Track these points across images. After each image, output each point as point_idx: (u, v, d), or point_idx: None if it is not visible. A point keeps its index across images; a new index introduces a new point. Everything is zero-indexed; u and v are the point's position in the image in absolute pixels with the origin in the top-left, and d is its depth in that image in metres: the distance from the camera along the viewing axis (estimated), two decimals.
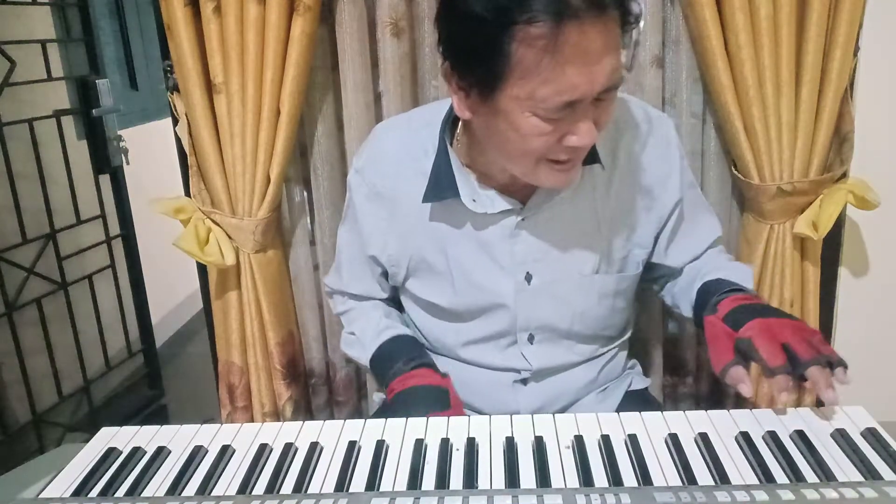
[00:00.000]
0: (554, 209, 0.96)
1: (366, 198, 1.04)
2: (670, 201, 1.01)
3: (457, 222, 0.99)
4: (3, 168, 1.84)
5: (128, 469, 0.79)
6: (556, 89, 0.76)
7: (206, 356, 1.55)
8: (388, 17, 1.27)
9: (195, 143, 1.33)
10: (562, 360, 1.06)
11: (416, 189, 0.98)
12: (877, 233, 1.41)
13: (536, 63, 0.74)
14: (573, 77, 0.75)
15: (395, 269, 1.06)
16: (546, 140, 0.81)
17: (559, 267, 1.00)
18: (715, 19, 1.19)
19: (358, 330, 1.11)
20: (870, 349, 1.45)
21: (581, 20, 0.72)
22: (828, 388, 0.78)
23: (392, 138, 1.04)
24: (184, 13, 1.24)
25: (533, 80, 0.76)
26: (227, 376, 1.45)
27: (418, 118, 1.03)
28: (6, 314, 1.85)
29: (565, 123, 0.80)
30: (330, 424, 0.85)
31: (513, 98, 0.78)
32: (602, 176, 0.97)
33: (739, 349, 0.86)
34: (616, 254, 1.02)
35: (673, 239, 1.04)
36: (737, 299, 0.92)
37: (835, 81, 1.22)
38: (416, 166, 0.98)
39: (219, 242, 1.35)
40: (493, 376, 1.06)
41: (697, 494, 0.67)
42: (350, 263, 1.12)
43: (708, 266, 1.04)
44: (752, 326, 0.85)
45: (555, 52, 0.73)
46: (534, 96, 0.77)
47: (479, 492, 0.70)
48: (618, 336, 1.11)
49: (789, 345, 0.82)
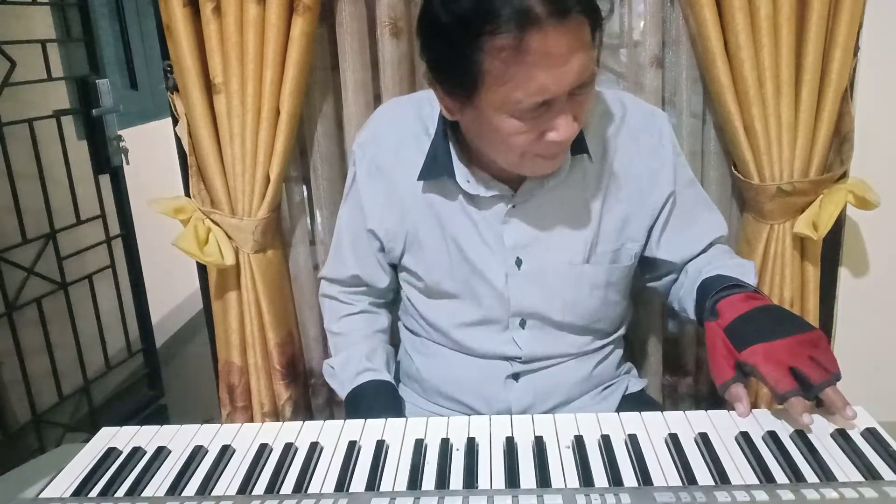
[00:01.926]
0: (544, 197, 0.98)
1: (367, 173, 1.06)
2: (662, 194, 1.02)
3: (450, 197, 1.01)
4: (3, 168, 1.83)
5: (128, 469, 0.79)
6: (527, 92, 0.79)
7: (206, 356, 1.55)
8: (387, 17, 1.27)
9: (195, 143, 1.33)
10: (553, 350, 1.06)
11: (414, 165, 1.00)
12: (877, 233, 1.41)
13: (504, 70, 0.77)
14: (542, 80, 0.78)
15: (391, 245, 1.07)
16: (526, 137, 0.84)
17: (548, 255, 1.01)
18: (715, 19, 1.19)
19: (337, 365, 1.12)
20: (870, 349, 1.45)
21: (543, 27, 0.74)
22: (846, 407, 0.79)
23: (395, 115, 1.07)
24: (183, 13, 1.24)
25: (504, 86, 0.79)
26: (227, 376, 1.45)
27: (422, 98, 1.05)
28: (6, 314, 1.85)
29: (543, 121, 0.83)
30: (330, 424, 0.85)
31: (489, 102, 0.82)
32: (593, 168, 0.99)
33: (742, 370, 0.86)
34: (607, 245, 1.02)
35: (664, 232, 1.05)
36: (738, 301, 0.91)
37: (835, 81, 1.22)
38: (416, 144, 1.01)
39: (218, 242, 1.35)
40: (486, 370, 1.07)
41: (697, 494, 0.67)
42: (353, 243, 1.12)
43: (710, 265, 1.04)
44: (756, 352, 0.84)
45: (521, 60, 0.76)
46: (507, 100, 0.80)
47: (479, 492, 0.70)
48: (612, 331, 1.11)
49: (798, 369, 0.81)
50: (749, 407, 0.84)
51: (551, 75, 0.77)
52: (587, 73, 0.80)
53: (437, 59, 0.84)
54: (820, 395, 0.80)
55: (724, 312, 0.90)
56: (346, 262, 1.14)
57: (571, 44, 0.77)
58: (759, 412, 0.84)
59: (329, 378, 1.15)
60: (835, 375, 0.81)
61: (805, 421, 0.78)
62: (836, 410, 0.79)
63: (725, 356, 0.88)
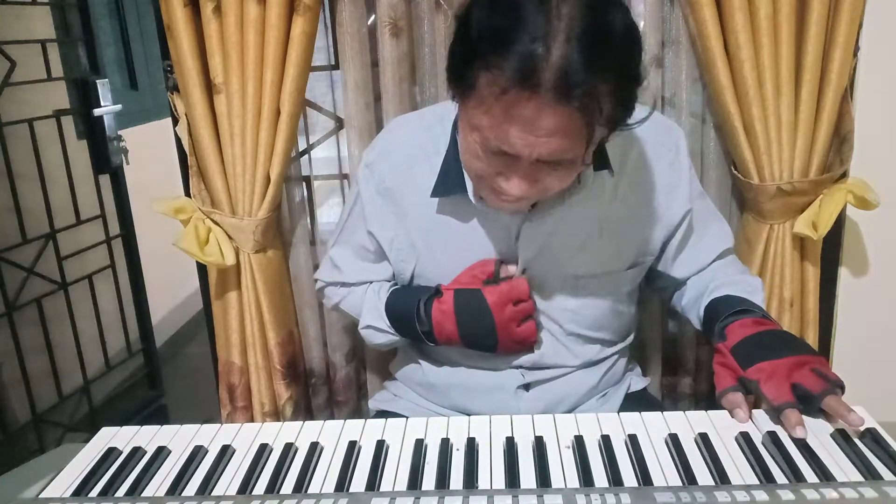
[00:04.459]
0: (563, 213, 0.96)
1: (375, 191, 1.04)
2: (679, 211, 1.01)
3: (464, 218, 0.99)
4: (3, 168, 1.83)
5: (128, 469, 0.79)
6: (496, 135, 0.76)
7: (206, 356, 1.55)
8: (387, 17, 1.27)
9: (195, 143, 1.33)
10: (563, 360, 1.06)
11: (425, 184, 0.98)
12: (877, 233, 1.41)
13: (488, 103, 0.74)
14: (513, 136, 0.75)
15: (402, 266, 1.06)
16: (481, 167, 0.82)
17: (557, 266, 1.00)
18: (715, 19, 1.19)
19: (365, 308, 1.10)
20: (870, 349, 1.45)
21: (538, 95, 0.71)
22: (849, 412, 0.79)
23: (405, 133, 1.05)
24: (184, 13, 1.24)
25: (481, 115, 0.76)
26: (227, 376, 1.45)
27: (431, 115, 1.04)
28: (6, 314, 1.85)
29: (502, 166, 0.80)
30: (330, 424, 0.85)
31: (469, 116, 0.79)
32: (610, 181, 0.97)
33: (745, 386, 0.86)
34: (617, 258, 1.02)
35: (682, 250, 1.05)
36: (746, 326, 0.91)
37: (835, 81, 1.22)
38: (427, 162, 0.99)
39: (219, 242, 1.35)
40: (496, 380, 1.06)
41: (697, 494, 0.67)
42: (354, 255, 1.11)
43: (716, 281, 1.04)
44: (762, 369, 0.85)
45: (503, 106, 0.73)
46: (479, 127, 0.78)
47: (480, 492, 0.70)
48: (618, 340, 1.11)
49: (799, 384, 0.82)
50: (749, 413, 0.84)
51: (522, 138, 0.74)
52: (563, 156, 0.77)
53: (452, 47, 0.81)
54: (822, 405, 0.80)
55: (732, 336, 0.91)
56: (345, 273, 1.13)
57: (558, 126, 0.73)
58: (760, 413, 0.84)
59: (366, 328, 1.10)
60: (835, 384, 0.81)
61: (799, 434, 0.78)
62: (840, 418, 0.79)
63: (730, 373, 0.88)
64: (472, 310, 0.98)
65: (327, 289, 1.19)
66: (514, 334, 0.99)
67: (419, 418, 0.85)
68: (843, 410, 0.79)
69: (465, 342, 1.01)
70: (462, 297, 0.99)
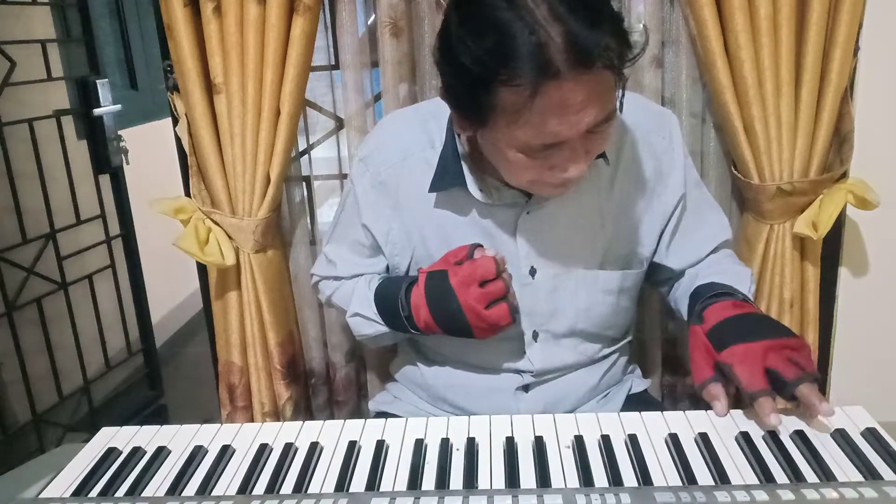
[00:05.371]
0: (559, 202, 0.96)
1: (370, 186, 1.03)
2: (673, 197, 1.01)
3: (462, 211, 0.99)
4: (3, 168, 1.83)
5: (128, 469, 0.79)
6: (537, 134, 0.77)
7: (206, 356, 1.55)
8: (387, 17, 1.27)
9: (195, 143, 1.33)
10: (565, 361, 1.05)
11: (421, 179, 0.98)
12: (877, 233, 1.41)
13: (517, 112, 0.75)
14: (554, 126, 0.76)
15: (398, 260, 1.06)
16: (534, 171, 0.83)
17: (563, 261, 1.00)
18: (715, 19, 1.19)
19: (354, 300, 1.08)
20: (870, 349, 1.45)
21: (563, 77, 0.72)
22: (821, 402, 0.78)
23: (399, 128, 1.04)
24: (184, 13, 1.24)
25: (514, 127, 0.77)
26: (227, 376, 1.45)
27: (425, 110, 1.03)
28: (6, 314, 1.85)
29: (553, 159, 0.81)
30: (330, 424, 0.85)
31: (499, 136, 0.80)
32: (606, 171, 0.98)
33: (721, 371, 0.86)
34: (620, 250, 1.02)
35: (674, 238, 1.04)
36: (724, 308, 0.90)
37: (835, 81, 1.22)
38: (422, 157, 0.99)
39: (219, 242, 1.35)
40: (496, 382, 1.06)
41: (697, 494, 0.67)
42: (349, 249, 1.10)
43: (707, 270, 1.03)
44: (734, 353, 0.84)
45: (534, 107, 0.74)
46: (517, 139, 0.78)
47: (479, 492, 0.70)
48: (620, 337, 1.11)
49: (773, 369, 0.81)
50: (727, 406, 0.83)
51: (564, 122, 0.75)
52: (603, 116, 0.78)
53: (451, 88, 0.82)
54: (796, 392, 0.79)
55: (709, 318, 0.89)
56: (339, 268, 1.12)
57: (590, 94, 0.74)
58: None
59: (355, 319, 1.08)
60: (810, 374, 0.80)
61: (772, 422, 0.77)
62: (810, 407, 0.78)
63: (705, 357, 0.87)
64: (439, 291, 0.95)
65: (321, 283, 1.19)
66: (484, 317, 0.92)
67: (419, 418, 0.85)
68: (815, 400, 0.78)
69: (442, 327, 0.97)
70: (431, 280, 0.96)
